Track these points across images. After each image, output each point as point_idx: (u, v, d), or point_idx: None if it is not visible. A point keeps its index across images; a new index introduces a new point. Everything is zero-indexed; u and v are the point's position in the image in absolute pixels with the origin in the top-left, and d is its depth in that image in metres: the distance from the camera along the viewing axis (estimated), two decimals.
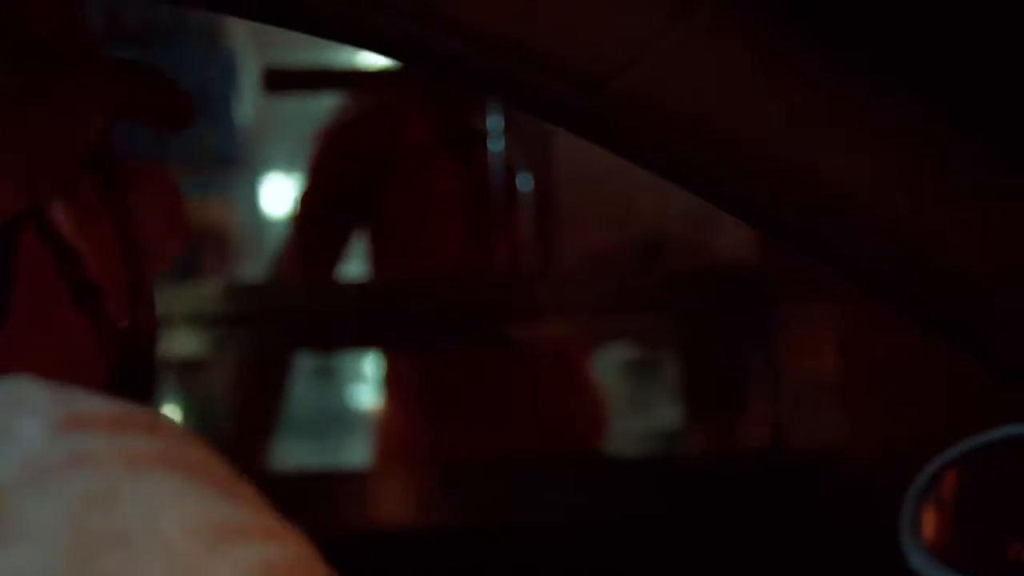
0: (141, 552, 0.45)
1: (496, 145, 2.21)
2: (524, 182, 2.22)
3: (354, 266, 2.64)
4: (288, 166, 3.82)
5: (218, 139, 3.29)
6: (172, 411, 2.84)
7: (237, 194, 3.52)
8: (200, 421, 2.75)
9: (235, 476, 0.50)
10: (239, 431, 2.37)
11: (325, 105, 2.39)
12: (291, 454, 4.01)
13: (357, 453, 3.89)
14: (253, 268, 3.43)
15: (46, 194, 0.60)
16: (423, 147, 2.22)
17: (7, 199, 0.58)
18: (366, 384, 4.26)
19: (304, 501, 2.06)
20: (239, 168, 3.47)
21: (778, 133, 0.77)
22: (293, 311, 2.23)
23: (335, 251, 2.32)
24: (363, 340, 2.39)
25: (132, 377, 0.66)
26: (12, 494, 0.45)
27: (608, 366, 2.84)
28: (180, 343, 2.29)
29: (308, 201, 2.33)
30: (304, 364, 4.42)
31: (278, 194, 4.07)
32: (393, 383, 2.43)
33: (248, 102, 3.56)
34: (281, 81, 2.53)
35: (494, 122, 2.21)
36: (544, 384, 2.33)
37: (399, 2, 0.70)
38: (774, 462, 2.04)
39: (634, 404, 2.84)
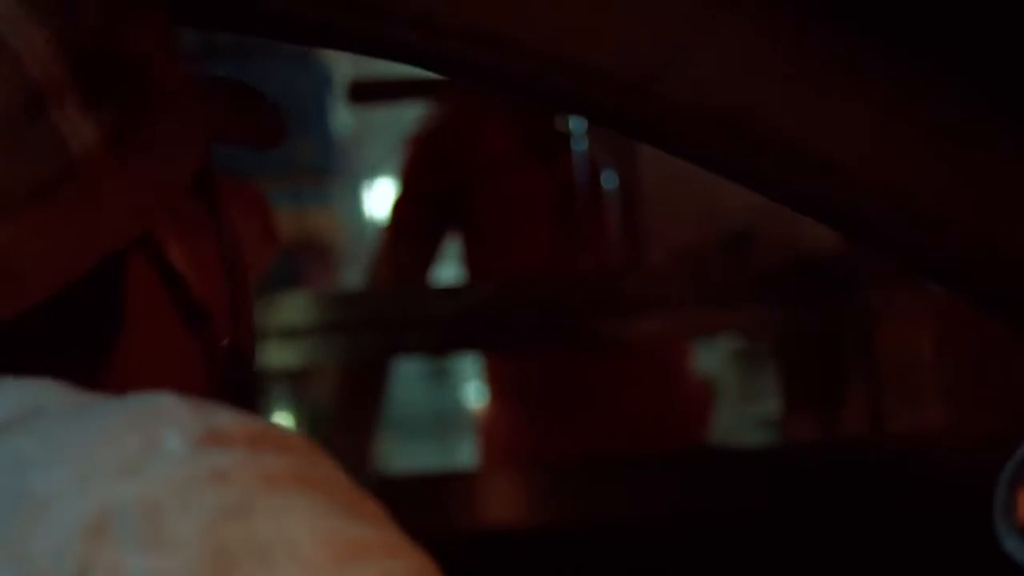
0: (276, 564, 0.48)
1: (580, 145, 2.22)
2: (609, 180, 2.23)
3: (448, 269, 2.67)
4: (395, 172, 3.86)
5: (314, 150, 3.33)
6: (282, 420, 2.89)
7: (338, 203, 3.57)
8: (309, 429, 2.80)
9: (360, 493, 0.53)
10: (343, 436, 2.41)
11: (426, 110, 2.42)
12: (408, 456, 4.06)
13: (473, 453, 3.93)
14: (360, 276, 3.49)
15: (154, 221, 0.63)
16: (508, 151, 2.24)
17: (119, 228, 0.61)
18: (480, 384, 4.30)
19: (411, 503, 2.08)
20: (337, 177, 3.52)
21: (820, 127, 0.77)
22: (393, 317, 2.26)
23: (428, 256, 2.35)
24: (462, 343, 2.42)
25: (235, 392, 0.69)
26: (159, 506, 0.48)
27: (717, 357, 2.83)
28: (286, 353, 2.33)
29: (400, 208, 2.36)
30: (418, 367, 4.47)
31: (386, 200, 4.11)
32: (494, 384, 2.45)
33: (345, 112, 3.61)
34: (365, 93, 2.57)
35: (577, 123, 2.22)
36: (642, 380, 2.34)
37: (438, 20, 0.72)
38: (872, 450, 2.02)
39: (744, 394, 2.83)
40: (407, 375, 4.46)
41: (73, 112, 0.59)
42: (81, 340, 0.61)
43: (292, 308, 2.26)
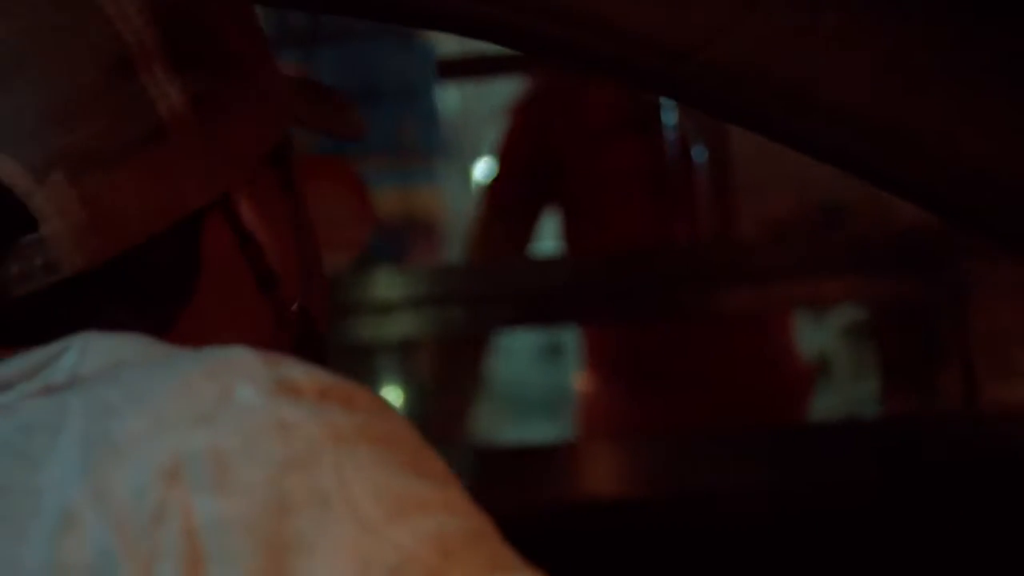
0: (332, 513, 0.52)
1: (670, 118, 2.22)
2: (699, 154, 2.23)
3: (545, 246, 2.69)
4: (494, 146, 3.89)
5: (420, 129, 3.37)
6: (388, 393, 2.95)
7: (444, 182, 3.61)
8: (415, 402, 2.84)
9: (425, 450, 0.57)
10: (442, 409, 2.45)
11: None
12: (521, 432, 4.09)
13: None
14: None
15: (230, 189, 0.67)
16: (607, 123, 2.25)
17: (200, 188, 0.65)
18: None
19: (511, 474, 2.12)
20: (444, 157, 3.55)
21: (871, 93, 0.78)
22: (490, 291, 2.28)
23: (526, 231, 2.37)
24: (560, 316, 2.44)
25: (304, 355, 0.71)
26: (228, 454, 0.53)
27: (827, 334, 2.82)
28: (390, 327, 2.38)
29: (498, 182, 2.38)
30: (533, 343, 4.50)
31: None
32: (593, 357, 2.46)
33: (452, 91, 3.64)
34: (454, 70, 2.59)
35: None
36: (740, 353, 2.33)
37: None
38: (967, 424, 2.00)
39: (854, 371, 2.81)
40: (521, 352, 4.49)
41: (161, 76, 0.63)
42: (160, 291, 0.65)
43: (393, 282, 2.30)
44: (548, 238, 2.63)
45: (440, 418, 2.48)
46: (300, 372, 0.56)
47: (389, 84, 3.19)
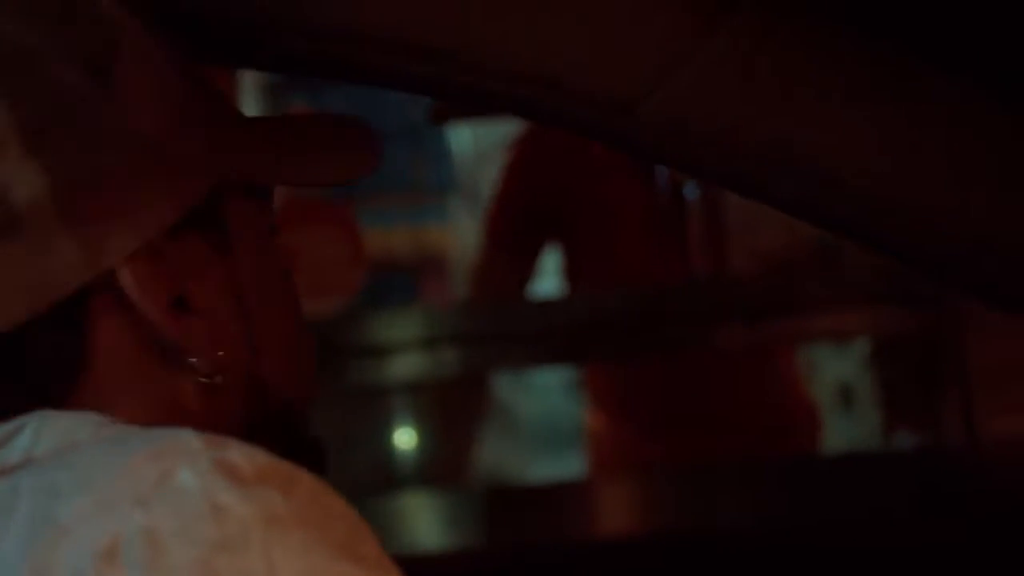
0: None
1: None
2: (691, 190, 2.23)
3: (548, 283, 2.69)
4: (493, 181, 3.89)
5: (433, 169, 3.39)
6: (405, 433, 2.95)
7: (456, 221, 3.63)
8: (429, 441, 2.85)
9: (362, 535, 0.58)
10: (447, 448, 2.45)
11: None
12: (545, 467, 4.08)
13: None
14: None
15: (113, 267, 0.65)
16: (601, 161, 2.25)
17: (72, 275, 0.64)
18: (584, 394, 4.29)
19: (520, 512, 2.12)
20: (455, 195, 3.57)
21: (819, 139, 0.78)
22: (490, 331, 2.29)
23: (526, 265, 2.37)
24: (561, 356, 2.44)
25: (258, 424, 0.72)
26: (162, 535, 0.54)
27: (850, 363, 2.80)
28: (401, 366, 2.38)
29: (497, 218, 2.38)
30: (556, 379, 4.49)
31: None
32: (595, 394, 2.46)
33: (465, 131, 3.66)
34: (447, 113, 2.60)
35: None
36: (742, 387, 2.32)
37: (429, 48, 0.75)
38: (967, 458, 1.99)
39: (875, 400, 2.79)
40: (545, 387, 4.48)
41: (22, 161, 0.62)
42: (44, 374, 0.65)
43: (400, 323, 2.31)
44: (550, 274, 2.63)
45: (450, 458, 2.48)
46: (240, 455, 0.57)
47: (399, 124, 3.21)
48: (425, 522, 2.15)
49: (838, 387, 2.75)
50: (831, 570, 1.79)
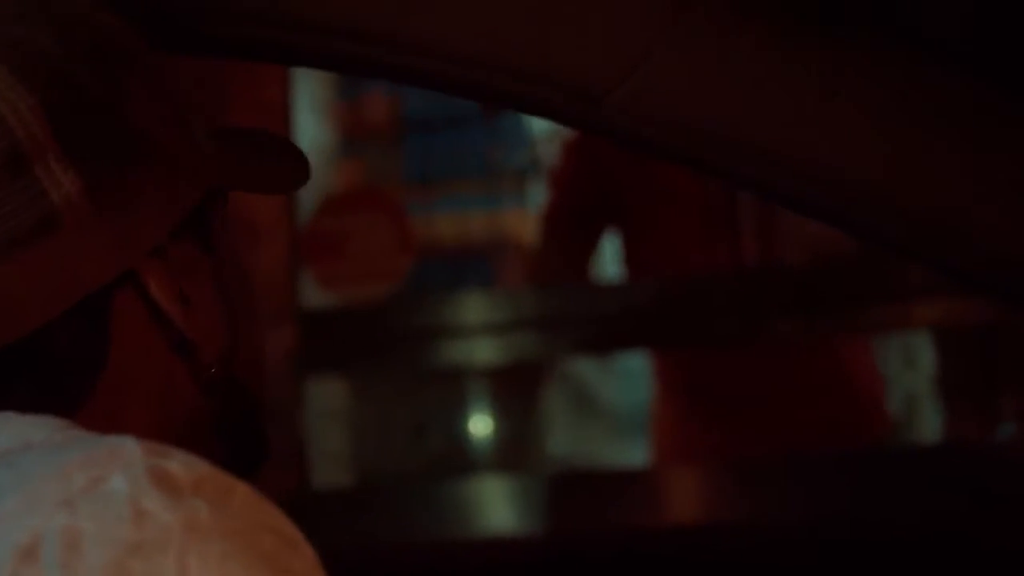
0: None
1: None
2: None
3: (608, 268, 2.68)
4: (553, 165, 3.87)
5: (511, 152, 3.38)
6: (480, 419, 2.96)
7: (534, 204, 3.62)
8: (504, 426, 2.85)
9: (292, 548, 0.58)
10: (519, 431, 2.45)
11: None
12: (630, 453, 4.07)
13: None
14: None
15: (134, 266, 0.69)
16: None
17: (100, 270, 0.67)
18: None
19: (579, 498, 2.12)
20: (535, 179, 3.55)
21: (794, 132, 0.77)
22: (552, 315, 2.29)
23: (586, 252, 2.37)
24: (624, 341, 2.43)
25: (235, 417, 0.76)
26: (81, 537, 0.55)
27: (920, 374, 2.76)
28: (474, 350, 2.39)
29: (556, 204, 2.38)
30: (639, 365, 4.48)
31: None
32: (662, 381, 2.45)
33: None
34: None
35: None
36: (808, 378, 2.30)
37: (399, 38, 0.75)
38: None
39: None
40: (630, 372, 4.46)
41: (55, 167, 0.66)
42: (65, 370, 0.68)
43: (456, 307, 2.32)
44: (611, 263, 2.61)
45: (519, 442, 2.48)
46: (179, 464, 0.58)
47: (476, 107, 3.21)
48: (489, 507, 2.15)
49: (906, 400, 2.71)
50: (887, 565, 1.76)
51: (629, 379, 3.99)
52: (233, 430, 0.76)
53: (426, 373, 2.76)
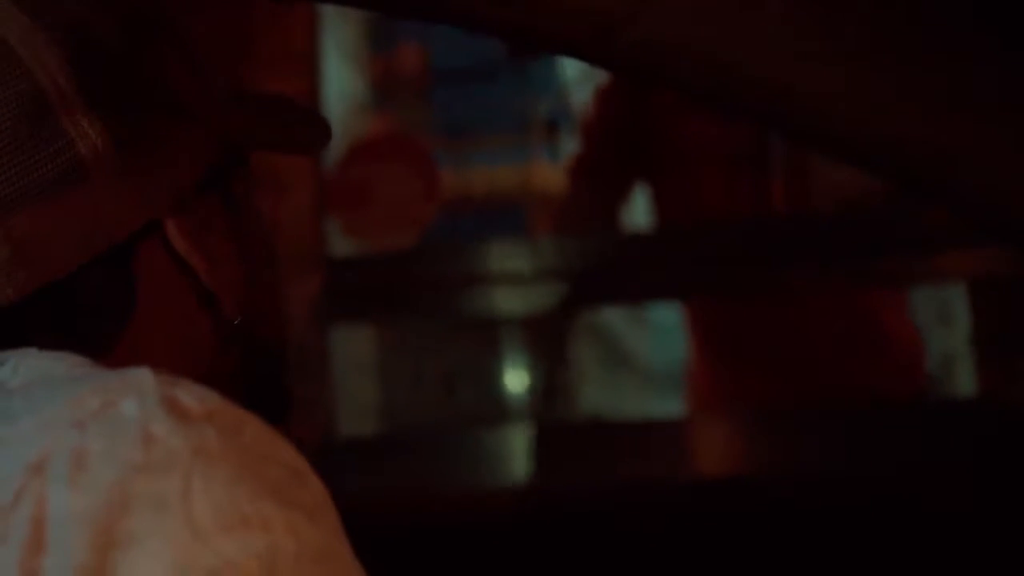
0: (166, 517, 0.54)
1: None
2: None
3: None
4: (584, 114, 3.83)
5: (543, 105, 3.37)
6: (509, 369, 2.96)
7: (565, 157, 3.60)
8: (537, 374, 2.85)
9: (300, 480, 0.58)
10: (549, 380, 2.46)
11: None
12: (660, 407, 4.07)
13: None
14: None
15: (160, 217, 0.70)
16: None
17: (125, 221, 0.68)
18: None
19: (616, 448, 2.12)
20: (565, 131, 3.54)
21: (778, 57, 0.76)
22: (576, 266, 2.28)
23: (617, 202, 2.37)
24: (652, 292, 2.43)
25: (252, 370, 0.77)
26: (89, 455, 0.56)
27: (957, 335, 2.73)
28: (502, 300, 2.40)
29: (586, 153, 2.38)
30: (674, 317, 4.46)
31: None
32: (696, 332, 2.44)
33: (575, 66, 3.62)
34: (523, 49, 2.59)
35: None
36: (840, 329, 2.29)
37: None
38: None
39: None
40: (662, 327, 4.45)
41: (81, 118, 0.67)
42: (93, 317, 0.69)
43: (485, 256, 2.32)
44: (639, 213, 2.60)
45: (549, 391, 2.49)
46: (191, 395, 0.59)
47: (509, 60, 3.20)
48: (515, 457, 2.16)
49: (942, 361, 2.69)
50: (915, 516, 1.76)
51: (661, 334, 3.98)
52: (254, 384, 0.76)
53: (455, 323, 2.76)
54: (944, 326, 2.65)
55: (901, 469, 1.89)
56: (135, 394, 0.58)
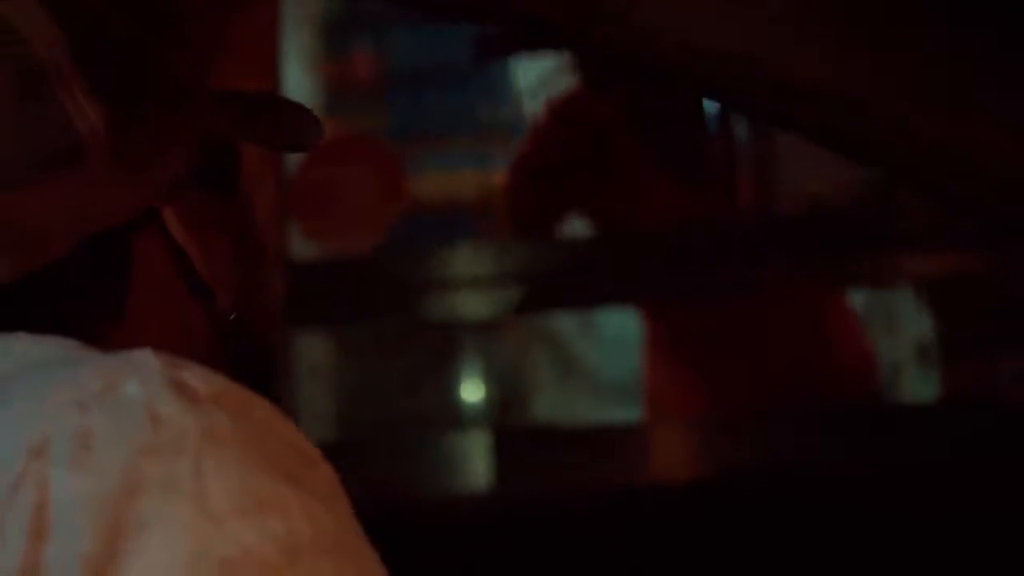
0: (178, 500, 0.52)
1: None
2: (742, 128, 2.20)
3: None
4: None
5: (499, 111, 3.37)
6: (466, 374, 2.96)
7: None
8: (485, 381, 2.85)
9: (312, 464, 0.57)
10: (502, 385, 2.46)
11: None
12: (602, 414, 4.08)
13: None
14: None
15: (156, 204, 0.69)
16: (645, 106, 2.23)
17: (120, 206, 0.67)
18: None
19: (571, 454, 2.12)
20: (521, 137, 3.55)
21: (809, 56, 0.76)
22: (518, 271, 2.28)
23: (563, 207, 2.37)
24: (603, 296, 2.44)
25: (242, 363, 0.74)
26: (94, 436, 0.54)
27: (903, 344, 2.76)
28: (459, 305, 2.39)
29: (538, 155, 2.38)
30: (626, 330, 4.48)
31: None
32: (651, 336, 2.45)
33: (531, 72, 3.62)
34: (491, 49, 2.58)
35: None
36: (790, 332, 2.30)
37: None
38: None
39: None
40: (614, 337, 4.46)
41: (80, 97, 0.65)
42: (87, 304, 0.67)
43: (442, 261, 2.31)
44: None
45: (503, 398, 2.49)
46: (197, 377, 0.57)
47: (466, 65, 3.19)
48: (471, 462, 2.16)
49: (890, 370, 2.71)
50: (877, 518, 1.77)
51: (610, 343, 3.99)
52: (245, 378, 0.76)
53: (412, 328, 2.75)
54: (893, 336, 2.68)
55: (856, 471, 1.90)
56: (138, 375, 0.56)
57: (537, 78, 3.58)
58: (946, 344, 2.26)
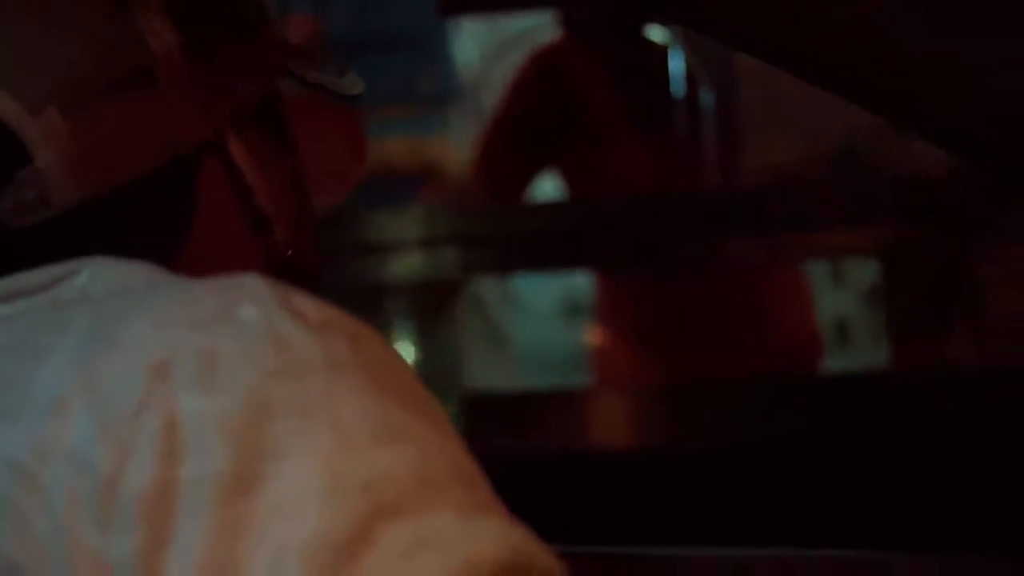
0: (313, 425, 0.52)
1: (676, 60, 2.19)
2: (706, 97, 2.20)
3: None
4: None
5: (436, 77, 3.35)
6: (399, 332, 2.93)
7: (458, 131, 3.58)
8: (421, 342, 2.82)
9: (426, 395, 0.57)
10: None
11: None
12: (519, 382, 4.07)
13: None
14: None
15: (223, 129, 0.69)
16: (606, 73, 2.23)
17: (184, 133, 0.67)
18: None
19: (508, 421, 2.11)
20: (459, 106, 3.52)
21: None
22: (480, 233, 2.27)
23: (534, 167, 2.36)
24: (565, 261, 2.43)
25: None
26: (218, 356, 0.53)
27: (849, 295, 2.78)
28: (398, 266, 2.37)
29: (512, 112, 2.37)
30: (551, 304, 4.48)
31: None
32: (601, 310, 2.45)
33: (470, 38, 3.60)
34: (457, 4, 2.56)
35: (672, 37, 2.19)
36: (743, 305, 2.31)
37: None
38: (980, 380, 1.97)
39: (876, 334, 2.78)
40: (540, 312, 4.46)
41: (156, 19, 0.67)
42: (152, 230, 0.67)
43: (379, 225, 2.29)
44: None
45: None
46: (307, 302, 0.57)
47: (404, 32, 3.17)
48: None
49: (835, 322, 2.73)
50: (831, 488, 1.78)
51: (533, 316, 3.99)
52: None
53: (348, 291, 2.72)
54: (839, 294, 2.70)
55: (801, 442, 1.91)
56: (251, 298, 0.56)
57: (490, 45, 3.57)
58: (899, 314, 2.28)
